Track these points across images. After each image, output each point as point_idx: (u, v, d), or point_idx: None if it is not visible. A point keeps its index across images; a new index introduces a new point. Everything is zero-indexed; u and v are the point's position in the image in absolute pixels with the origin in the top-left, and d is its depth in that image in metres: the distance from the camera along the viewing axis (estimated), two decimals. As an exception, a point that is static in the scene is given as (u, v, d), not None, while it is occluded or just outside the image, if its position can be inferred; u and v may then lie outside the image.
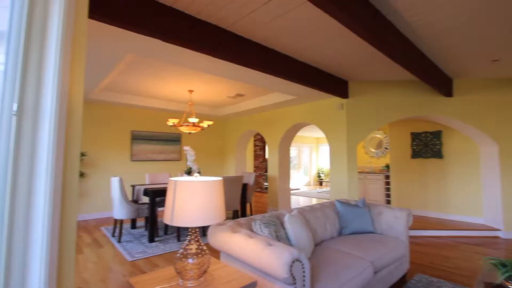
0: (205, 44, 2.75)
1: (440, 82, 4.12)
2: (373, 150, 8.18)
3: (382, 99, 4.72)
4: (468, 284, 2.71)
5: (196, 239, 1.53)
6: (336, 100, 5.04)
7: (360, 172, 7.40)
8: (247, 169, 10.61)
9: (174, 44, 2.64)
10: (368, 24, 2.39)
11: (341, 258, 2.15)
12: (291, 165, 12.25)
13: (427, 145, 5.66)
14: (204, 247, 1.55)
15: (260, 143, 11.06)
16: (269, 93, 5.78)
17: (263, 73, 3.79)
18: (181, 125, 5.11)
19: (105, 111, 6.04)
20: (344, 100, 4.87)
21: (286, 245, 1.70)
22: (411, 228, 4.54)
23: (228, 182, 4.51)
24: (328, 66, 4.04)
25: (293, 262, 1.57)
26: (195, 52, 3.12)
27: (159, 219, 5.43)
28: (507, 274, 1.59)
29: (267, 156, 10.98)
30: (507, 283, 1.61)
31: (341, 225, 2.95)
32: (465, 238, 4.32)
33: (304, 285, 1.64)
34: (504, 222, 4.36)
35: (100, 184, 5.86)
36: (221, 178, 1.55)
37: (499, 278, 1.62)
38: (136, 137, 6.44)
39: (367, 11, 2.37)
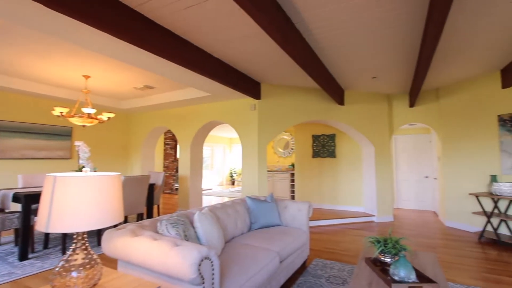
0: (105, 20, 2.35)
1: (335, 91, 4.80)
2: (281, 150, 8.87)
3: (290, 103, 5.16)
4: (353, 262, 3.21)
5: (83, 247, 1.25)
6: (249, 100, 5.21)
7: (269, 171, 7.91)
8: (155, 168, 9.85)
9: (61, 13, 2.15)
10: (280, 28, 2.53)
11: (250, 252, 2.18)
12: (204, 165, 12.05)
13: (324, 146, 6.50)
14: (94, 256, 1.29)
15: (171, 141, 10.45)
16: (182, 88, 5.50)
17: (175, 65, 3.55)
18: (72, 116, 4.28)
19: (-47, 92, 4.49)
20: (256, 101, 5.08)
21: (195, 244, 1.60)
22: (310, 219, 5.10)
23: (132, 182, 4.03)
24: (243, 65, 4.12)
25: (202, 260, 1.48)
26: (93, 28, 2.64)
27: (36, 230, 4.38)
28: (381, 249, 1.93)
29: (178, 155, 10.47)
30: (380, 256, 1.95)
31: (251, 220, 3.03)
32: (350, 225, 5.14)
33: (213, 284, 1.57)
34: (377, 209, 5.42)
35: None
36: (118, 174, 1.32)
37: (375, 253, 1.95)
38: (4, 129, 5.03)
39: (280, 15, 2.50)
